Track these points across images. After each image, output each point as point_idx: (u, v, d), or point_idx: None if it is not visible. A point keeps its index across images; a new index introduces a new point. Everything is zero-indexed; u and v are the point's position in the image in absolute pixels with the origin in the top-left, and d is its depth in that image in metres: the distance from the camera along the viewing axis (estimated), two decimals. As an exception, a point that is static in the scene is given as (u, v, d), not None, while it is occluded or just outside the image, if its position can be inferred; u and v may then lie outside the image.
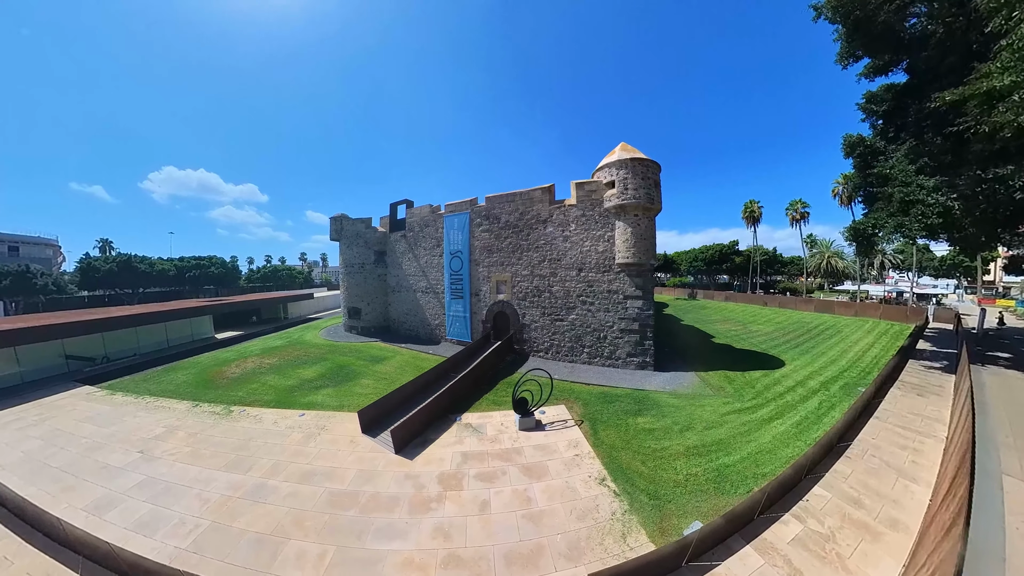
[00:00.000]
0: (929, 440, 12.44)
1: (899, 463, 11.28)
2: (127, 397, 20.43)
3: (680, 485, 11.24)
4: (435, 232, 31.16)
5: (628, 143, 23.20)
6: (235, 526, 9.77)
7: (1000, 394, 16.19)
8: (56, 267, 62.62)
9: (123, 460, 13.29)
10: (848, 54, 18.72)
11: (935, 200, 17.53)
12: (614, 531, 9.41)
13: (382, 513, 10.18)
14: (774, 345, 29.42)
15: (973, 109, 12.80)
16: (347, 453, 13.51)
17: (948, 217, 17.53)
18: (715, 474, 11.78)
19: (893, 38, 17.55)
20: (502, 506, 10.26)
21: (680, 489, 11.05)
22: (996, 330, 31.39)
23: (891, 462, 11.33)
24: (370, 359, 27.26)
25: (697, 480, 11.49)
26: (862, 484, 10.48)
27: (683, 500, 10.61)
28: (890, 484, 10.41)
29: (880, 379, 17.50)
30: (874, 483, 10.49)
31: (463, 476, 11.78)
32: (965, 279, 65.28)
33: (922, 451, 11.85)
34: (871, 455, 11.74)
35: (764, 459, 12.44)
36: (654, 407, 17.29)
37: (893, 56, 18.33)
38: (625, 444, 13.94)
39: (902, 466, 11.13)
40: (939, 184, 17.72)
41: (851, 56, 18.83)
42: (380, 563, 8.46)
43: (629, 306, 22.37)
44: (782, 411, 16.28)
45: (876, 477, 10.73)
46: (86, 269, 53.35)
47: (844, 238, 23.36)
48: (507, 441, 14.05)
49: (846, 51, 18.65)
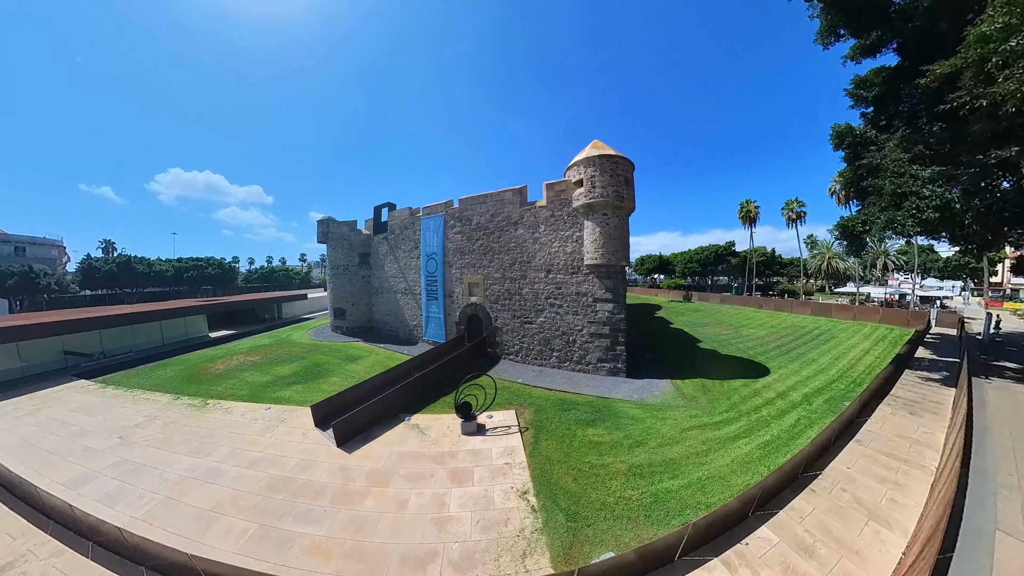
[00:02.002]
0: (916, 472, 9.92)
1: (874, 501, 8.84)
2: (117, 390, 20.67)
3: (607, 508, 9.65)
4: (413, 234, 29.50)
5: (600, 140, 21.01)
6: (184, 501, 10.54)
7: (1005, 415, 13.37)
8: (60, 267, 62.92)
9: (104, 444, 14.08)
10: (829, 31, 16.13)
11: (931, 192, 14.85)
12: (515, 549, 8.42)
13: (308, 499, 10.44)
14: (763, 351, 26.60)
15: (968, 81, 10.30)
16: (296, 444, 13.77)
17: (946, 211, 14.84)
18: (652, 499, 9.86)
19: (875, 10, 14.94)
20: (417, 507, 9.98)
21: (606, 513, 9.49)
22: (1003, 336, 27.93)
23: (864, 500, 8.91)
24: (345, 358, 26.74)
25: (629, 504, 9.75)
26: (821, 527, 8.14)
27: (604, 525, 9.05)
28: (857, 529, 8.05)
29: (868, 394, 14.91)
30: (837, 527, 8.14)
31: (392, 474, 11.58)
32: (971, 281, 60.29)
33: (905, 486, 9.37)
34: (841, 489, 9.32)
35: (713, 487, 10.22)
36: (611, 418, 15.17)
37: (880, 33, 15.67)
38: (564, 457, 12.27)
39: (876, 505, 8.70)
40: (936, 175, 15.05)
41: (832, 34, 16.23)
42: (291, 543, 8.79)
43: (599, 309, 20.14)
44: (752, 428, 13.87)
45: (841, 519, 8.36)
46: (87, 270, 53.15)
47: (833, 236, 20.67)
48: (447, 444, 13.45)
49: (826, 28, 16.07)
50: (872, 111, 19.30)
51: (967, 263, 51.99)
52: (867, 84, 18.74)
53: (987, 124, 11.53)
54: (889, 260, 59.91)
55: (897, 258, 58.80)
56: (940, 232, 17.82)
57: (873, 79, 18.56)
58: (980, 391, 15.92)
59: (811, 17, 15.61)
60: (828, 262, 60.47)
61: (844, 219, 18.61)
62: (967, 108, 10.59)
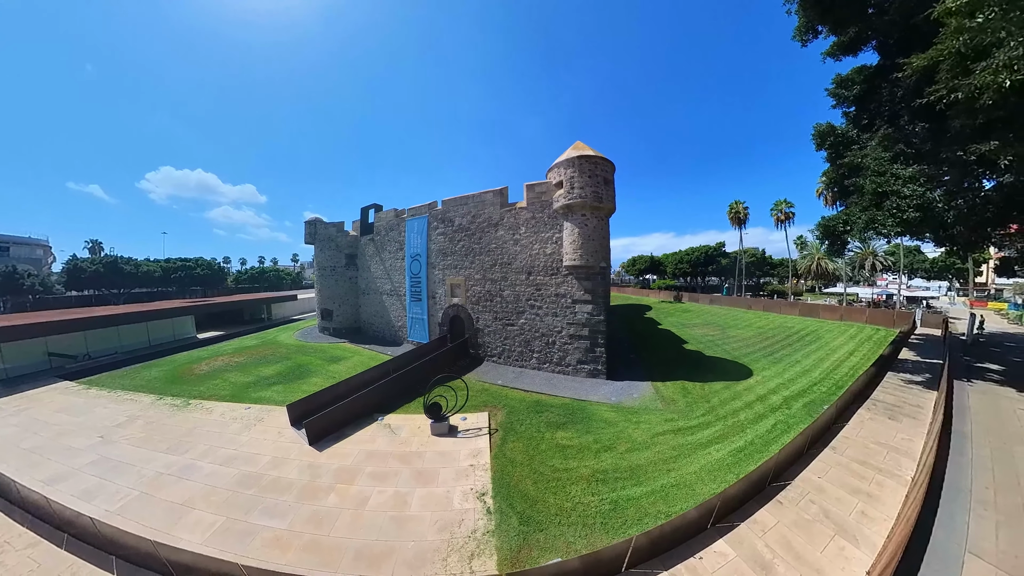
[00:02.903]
0: (890, 482, 9.27)
1: (842, 514, 8.18)
2: (101, 391, 20.40)
3: (563, 514, 9.32)
4: (398, 236, 28.84)
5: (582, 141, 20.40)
6: (158, 496, 10.65)
7: (985, 421, 12.72)
8: (46, 267, 61.37)
9: (85, 443, 14.03)
10: (807, 28, 15.50)
11: (912, 191, 14.24)
12: (464, 550, 8.27)
13: (275, 495, 10.52)
14: (748, 352, 25.93)
15: (945, 74, 9.68)
16: (270, 442, 13.75)
17: (927, 211, 14.23)
18: (611, 506, 9.39)
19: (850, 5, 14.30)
20: (378, 505, 9.96)
21: (561, 518, 9.18)
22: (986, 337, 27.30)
23: (832, 513, 8.24)
24: (329, 359, 26.31)
25: (586, 511, 9.35)
26: (783, 543, 7.49)
27: (557, 531, 8.73)
28: (821, 545, 7.39)
29: (847, 397, 14.27)
30: (800, 542, 7.48)
31: (359, 472, 11.57)
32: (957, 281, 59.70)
33: (878, 498, 8.71)
34: (810, 500, 8.66)
35: (677, 495, 9.64)
36: (583, 421, 14.60)
37: (859, 30, 15.05)
38: (528, 459, 11.91)
39: (845, 519, 8.04)
40: (917, 174, 14.44)
41: (810, 30, 15.59)
42: (253, 536, 8.94)
43: (578, 311, 19.49)
44: (727, 433, 13.21)
45: (806, 533, 7.70)
46: (72, 270, 51.60)
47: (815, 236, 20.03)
48: (415, 444, 13.30)
49: (804, 24, 15.44)
50: (854, 110, 18.71)
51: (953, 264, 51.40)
52: (848, 83, 18.15)
53: (966, 119, 10.91)
54: (877, 261, 59.37)
55: (885, 259, 58.25)
56: (923, 232, 17.19)
57: (855, 78, 17.97)
58: (961, 396, 15.28)
59: (788, 12, 14.97)
60: (817, 263, 59.90)
61: (825, 219, 18.00)
62: (944, 102, 9.96)
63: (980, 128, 10.95)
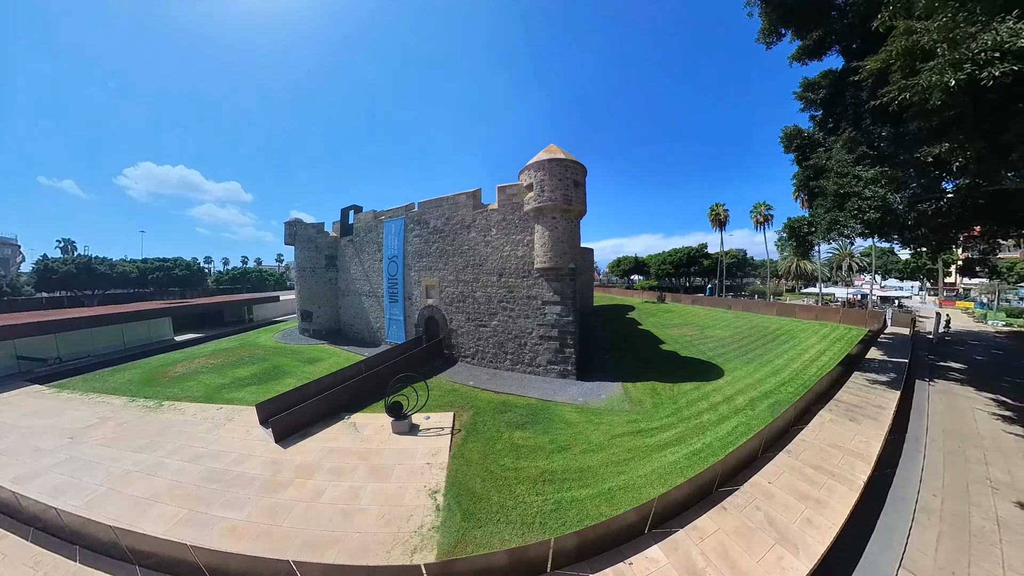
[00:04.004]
0: (842, 488, 8.85)
1: (787, 522, 7.73)
2: (72, 394, 19.78)
3: (505, 512, 9.24)
4: (376, 237, 28.18)
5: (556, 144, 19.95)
6: (124, 492, 10.66)
7: (943, 422, 12.47)
8: (14, 267, 58.91)
9: (54, 444, 13.77)
10: (770, 30, 15.18)
11: (873, 192, 13.97)
12: (408, 544, 8.36)
13: (236, 489, 10.62)
14: (723, 352, 25.65)
15: (896, 75, 9.35)
16: (238, 440, 13.71)
17: (888, 213, 13.98)
18: (553, 507, 9.22)
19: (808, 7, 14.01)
20: (332, 498, 10.03)
21: (502, 516, 9.10)
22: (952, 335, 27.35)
23: (776, 520, 7.80)
24: (306, 360, 25.59)
25: (528, 510, 9.22)
26: (719, 551, 7.05)
27: (495, 528, 8.70)
28: (759, 554, 6.95)
29: (809, 398, 13.93)
30: (737, 551, 7.04)
31: (318, 468, 11.59)
32: (928, 281, 60.36)
33: (827, 504, 8.29)
34: (755, 507, 8.22)
35: (623, 498, 9.32)
36: (545, 421, 14.24)
37: (823, 34, 14.77)
38: (482, 459, 11.74)
39: (788, 527, 7.59)
40: (878, 175, 14.18)
41: (774, 33, 15.28)
42: (211, 526, 9.11)
43: (548, 312, 19.02)
44: (686, 435, 12.81)
45: (745, 541, 7.26)
46: (43, 271, 49.13)
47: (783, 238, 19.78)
48: (376, 442, 13.22)
49: (768, 27, 15.12)
50: (821, 114, 18.49)
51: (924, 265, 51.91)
52: (815, 87, 17.90)
53: (922, 121, 10.62)
54: (854, 262, 59.86)
55: (861, 260, 58.74)
56: (886, 234, 16.99)
57: (820, 81, 17.73)
58: (921, 396, 15.10)
59: (749, 15, 14.64)
60: (797, 264, 60.22)
61: (791, 220, 17.73)
62: (897, 104, 9.64)
63: (934, 130, 10.67)
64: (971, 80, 7.47)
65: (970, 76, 7.42)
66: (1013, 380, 17.51)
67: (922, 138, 11.56)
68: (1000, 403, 14.41)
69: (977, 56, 7.31)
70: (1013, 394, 15.46)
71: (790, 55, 16.74)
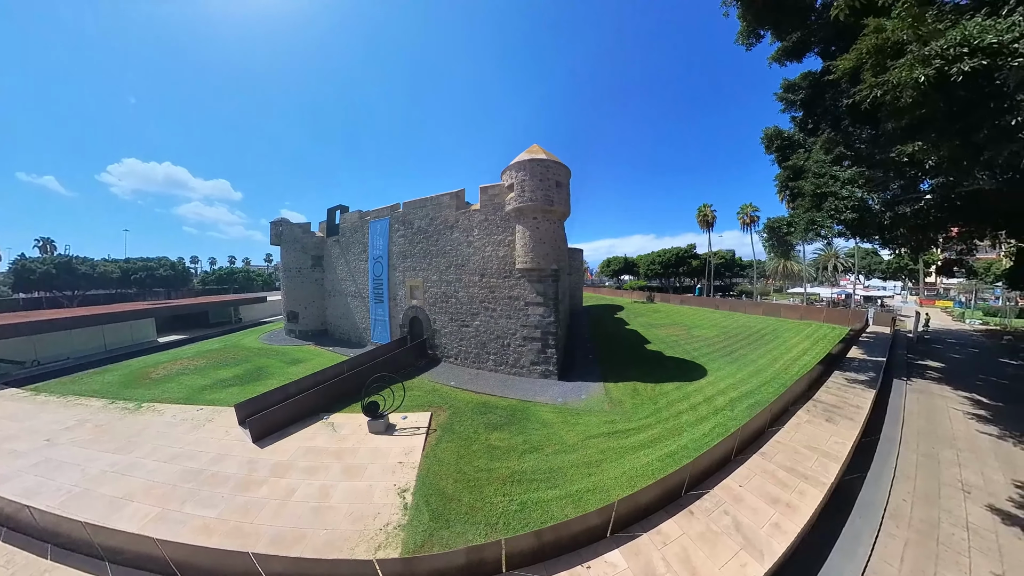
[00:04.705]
0: (814, 491, 8.57)
1: (754, 527, 7.42)
2: (50, 397, 19.27)
3: (472, 512, 9.07)
4: (362, 238, 27.67)
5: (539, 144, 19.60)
6: (99, 491, 10.53)
7: (918, 423, 12.27)
8: None
9: (30, 447, 13.49)
10: (749, 32, 14.96)
11: (849, 193, 13.82)
12: (373, 541, 8.26)
13: (211, 487, 10.52)
14: (707, 352, 25.44)
15: (867, 72, 9.13)
16: (216, 440, 13.53)
17: (864, 213, 13.83)
18: (519, 508, 9.11)
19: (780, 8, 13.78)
20: (303, 496, 9.98)
21: (468, 517, 8.94)
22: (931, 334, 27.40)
23: (744, 525, 7.49)
24: (290, 361, 25.09)
25: (494, 511, 9.06)
26: (681, 556, 6.74)
27: (461, 529, 8.53)
28: (722, 560, 6.63)
29: (787, 398, 13.68)
30: (700, 556, 6.72)
31: (292, 467, 11.51)
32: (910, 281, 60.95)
33: (797, 508, 8.00)
34: (723, 511, 7.90)
35: (590, 500, 9.10)
36: (522, 422, 13.95)
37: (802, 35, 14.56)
38: (455, 459, 11.52)
39: (756, 532, 7.28)
40: (856, 175, 14.02)
41: (752, 35, 15.06)
42: (184, 524, 9.04)
43: (530, 313, 18.67)
44: (662, 437, 12.52)
45: (709, 547, 6.95)
46: (20, 271, 47.13)
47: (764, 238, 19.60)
48: (352, 441, 13.09)
49: (746, 29, 14.90)
50: (802, 115, 18.34)
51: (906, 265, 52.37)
52: (795, 88, 17.73)
53: (895, 120, 10.40)
54: (839, 262, 60.24)
55: (846, 260, 59.13)
56: (866, 234, 16.85)
57: (800, 83, 17.57)
58: (898, 395, 14.94)
59: (725, 15, 14.40)
60: (784, 264, 60.44)
61: (770, 220, 17.57)
62: (869, 102, 9.42)
63: (908, 129, 10.46)
64: (940, 76, 7.25)
65: (939, 71, 7.19)
66: (988, 378, 17.46)
67: (896, 137, 11.37)
68: (975, 402, 14.30)
69: (946, 51, 7.09)
70: (988, 393, 15.37)
71: (769, 56, 16.52)
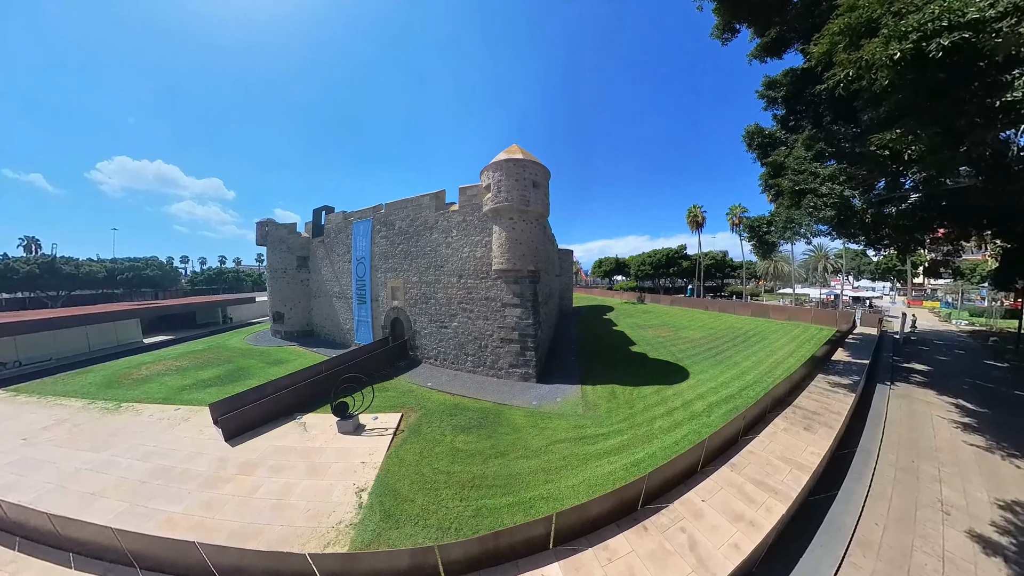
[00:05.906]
0: (781, 506, 7.78)
1: (711, 546, 6.63)
2: (30, 397, 18.91)
3: (425, 515, 8.79)
4: (346, 239, 26.91)
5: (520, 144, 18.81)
6: (72, 488, 10.57)
7: (899, 432, 11.41)
8: None
9: (6, 446, 13.38)
10: (724, 26, 14.17)
11: (829, 189, 13.02)
12: (325, 538, 8.24)
13: (179, 484, 10.55)
14: (692, 354, 24.58)
15: (840, 53, 8.34)
16: (190, 439, 13.47)
17: (844, 210, 13.03)
18: (472, 513, 8.69)
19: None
20: (266, 493, 10.01)
21: (420, 519, 8.67)
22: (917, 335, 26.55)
23: (700, 543, 6.71)
24: (272, 362, 24.40)
25: (447, 515, 8.75)
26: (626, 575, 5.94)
27: (411, 531, 8.33)
28: None
29: (765, 404, 12.85)
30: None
31: (260, 465, 11.48)
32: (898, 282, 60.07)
33: (760, 527, 7.18)
34: (680, 528, 7.11)
35: (542, 508, 8.54)
36: (492, 425, 13.31)
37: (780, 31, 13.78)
38: (417, 461, 11.18)
39: (711, 552, 6.50)
40: (837, 172, 13.23)
41: (728, 29, 14.27)
42: (150, 519, 9.05)
43: (507, 314, 17.88)
44: (632, 443, 11.72)
45: (658, 567, 6.22)
46: (3, 271, 46.04)
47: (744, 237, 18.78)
48: (320, 441, 12.97)
49: (723, 23, 14.11)
50: (783, 112, 17.58)
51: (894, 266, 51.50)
52: (777, 85, 16.98)
53: (873, 108, 9.65)
54: (829, 263, 59.39)
55: (836, 261, 58.29)
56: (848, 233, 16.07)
57: (782, 80, 16.82)
58: (880, 402, 14.09)
59: (699, 8, 13.60)
60: (774, 265, 59.59)
61: (749, 219, 16.75)
62: (843, 87, 8.64)
63: (887, 120, 9.69)
64: (918, 52, 6.47)
65: (916, 46, 6.42)
66: (974, 382, 16.66)
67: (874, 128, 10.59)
68: (960, 408, 13.48)
69: (924, 25, 6.31)
70: (973, 398, 14.57)
71: (748, 53, 15.79)
